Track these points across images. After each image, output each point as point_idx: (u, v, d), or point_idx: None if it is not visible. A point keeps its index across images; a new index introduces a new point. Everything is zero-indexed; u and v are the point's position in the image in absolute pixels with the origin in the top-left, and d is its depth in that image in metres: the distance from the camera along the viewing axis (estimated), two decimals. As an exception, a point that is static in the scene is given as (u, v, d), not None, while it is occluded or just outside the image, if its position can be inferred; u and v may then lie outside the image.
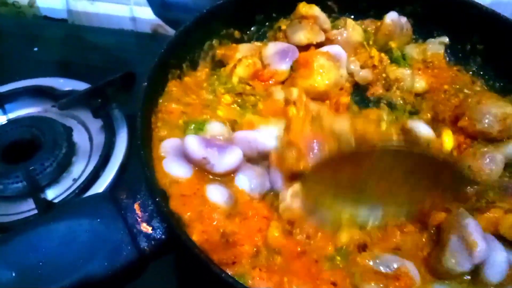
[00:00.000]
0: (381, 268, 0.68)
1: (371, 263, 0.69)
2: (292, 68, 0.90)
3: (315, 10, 0.98)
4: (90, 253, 0.63)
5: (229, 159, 0.74)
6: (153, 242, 0.65)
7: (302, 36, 0.94)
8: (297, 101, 0.82)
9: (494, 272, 0.68)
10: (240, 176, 0.75)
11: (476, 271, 0.68)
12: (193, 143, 0.73)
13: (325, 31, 0.98)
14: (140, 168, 0.69)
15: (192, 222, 0.67)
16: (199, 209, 0.68)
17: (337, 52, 0.91)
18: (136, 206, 0.66)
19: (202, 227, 0.67)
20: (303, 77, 0.87)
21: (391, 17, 0.99)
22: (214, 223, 0.68)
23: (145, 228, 0.65)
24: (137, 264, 0.65)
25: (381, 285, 0.66)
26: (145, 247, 0.65)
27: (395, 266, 0.68)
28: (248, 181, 0.74)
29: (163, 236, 0.66)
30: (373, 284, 0.66)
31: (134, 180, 0.72)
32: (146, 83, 0.82)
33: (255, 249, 0.67)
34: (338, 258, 0.69)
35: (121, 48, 1.48)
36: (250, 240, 0.68)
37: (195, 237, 0.65)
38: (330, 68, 0.87)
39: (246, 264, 0.66)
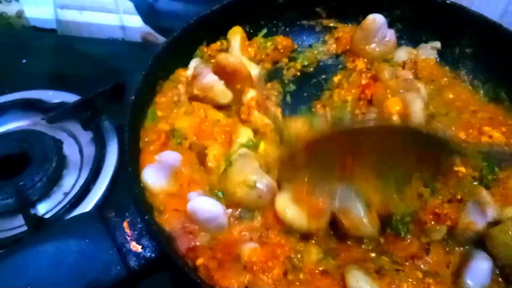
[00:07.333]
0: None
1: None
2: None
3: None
4: (79, 274, 0.62)
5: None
6: (143, 261, 0.64)
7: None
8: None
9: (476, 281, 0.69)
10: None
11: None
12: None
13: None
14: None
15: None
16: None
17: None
18: (125, 224, 0.66)
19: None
20: None
21: (375, 16, 0.97)
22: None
23: (135, 247, 0.64)
24: (126, 283, 0.64)
25: None
26: (135, 266, 0.64)
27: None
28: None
29: (153, 255, 0.65)
30: None
31: (124, 195, 0.72)
32: (133, 97, 0.82)
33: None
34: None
35: (111, 57, 1.45)
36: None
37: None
38: None
39: None
